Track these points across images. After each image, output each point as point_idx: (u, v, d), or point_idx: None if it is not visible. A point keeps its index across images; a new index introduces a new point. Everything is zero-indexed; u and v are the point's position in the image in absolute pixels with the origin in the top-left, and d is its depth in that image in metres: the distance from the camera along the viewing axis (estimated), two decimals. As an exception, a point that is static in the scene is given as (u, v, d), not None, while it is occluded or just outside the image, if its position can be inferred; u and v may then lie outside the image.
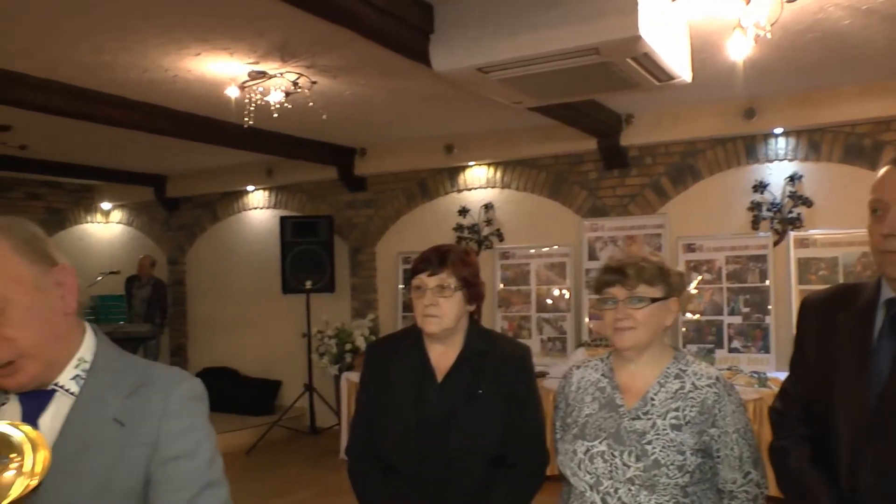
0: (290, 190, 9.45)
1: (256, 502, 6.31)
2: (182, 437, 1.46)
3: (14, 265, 1.39)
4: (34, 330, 1.39)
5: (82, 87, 5.70)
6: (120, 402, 1.45)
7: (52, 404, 1.44)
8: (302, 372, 8.65)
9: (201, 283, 10.43)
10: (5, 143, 7.55)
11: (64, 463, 1.39)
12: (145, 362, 1.57)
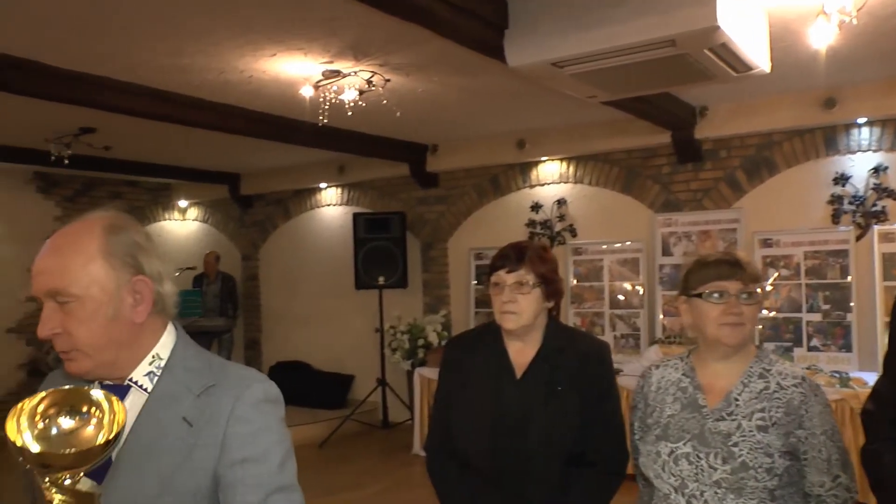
0: (362, 187, 9.54)
1: (329, 495, 6.40)
2: (250, 440, 1.45)
3: (97, 267, 1.44)
4: (91, 332, 1.43)
5: (162, 90, 5.85)
6: (191, 401, 1.46)
7: (126, 400, 1.46)
8: (374, 367, 8.73)
9: (274, 279, 10.61)
10: (91, 145, 7.81)
11: (132, 459, 1.41)
12: (222, 363, 1.58)
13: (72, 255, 1.43)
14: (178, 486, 1.41)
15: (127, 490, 1.39)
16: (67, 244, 1.45)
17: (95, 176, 10.16)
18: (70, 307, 1.42)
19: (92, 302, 1.42)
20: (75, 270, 1.42)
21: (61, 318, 1.42)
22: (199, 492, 1.42)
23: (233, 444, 1.43)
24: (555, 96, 5.62)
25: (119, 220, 1.52)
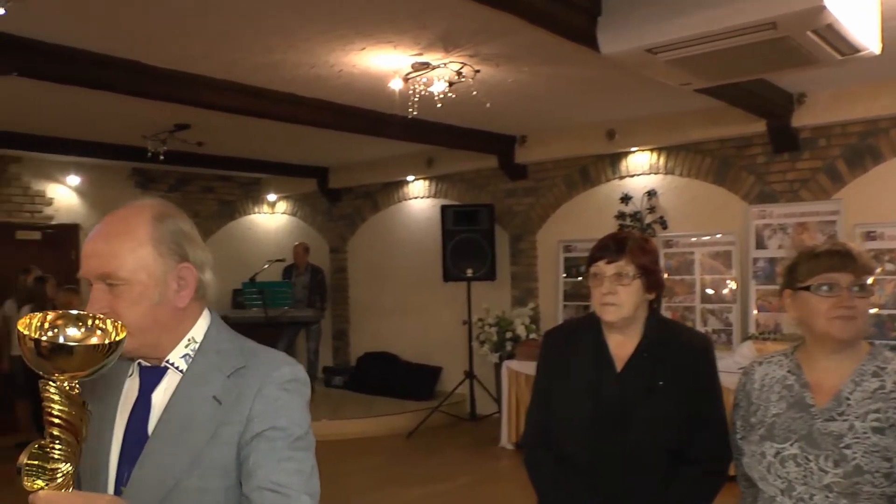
0: (451, 179, 9.55)
1: (417, 485, 6.43)
2: (272, 415, 1.49)
3: (146, 254, 1.49)
4: (137, 314, 1.48)
5: (254, 86, 5.98)
6: (221, 381, 1.52)
7: (164, 380, 1.54)
8: (462, 359, 8.74)
9: (362, 271, 10.74)
10: (185, 141, 8.06)
11: (166, 435, 1.49)
12: (254, 346, 1.62)
13: (122, 241, 1.49)
14: (208, 461, 1.47)
15: (160, 463, 1.47)
16: (118, 230, 1.51)
17: (189, 171, 10.48)
18: (118, 290, 1.47)
19: (139, 286, 1.48)
20: (125, 255, 1.48)
21: (109, 300, 1.47)
22: (227, 467, 1.48)
23: (255, 419, 1.48)
24: (646, 85, 5.50)
25: (166, 208, 1.58)
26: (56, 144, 8.44)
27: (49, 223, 9.66)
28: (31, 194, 9.55)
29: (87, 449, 1.52)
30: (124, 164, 9.86)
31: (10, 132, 7.93)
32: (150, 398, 1.54)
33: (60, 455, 1.12)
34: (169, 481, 1.46)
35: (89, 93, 5.78)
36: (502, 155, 8.56)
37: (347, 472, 6.87)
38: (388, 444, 7.92)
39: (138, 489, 1.47)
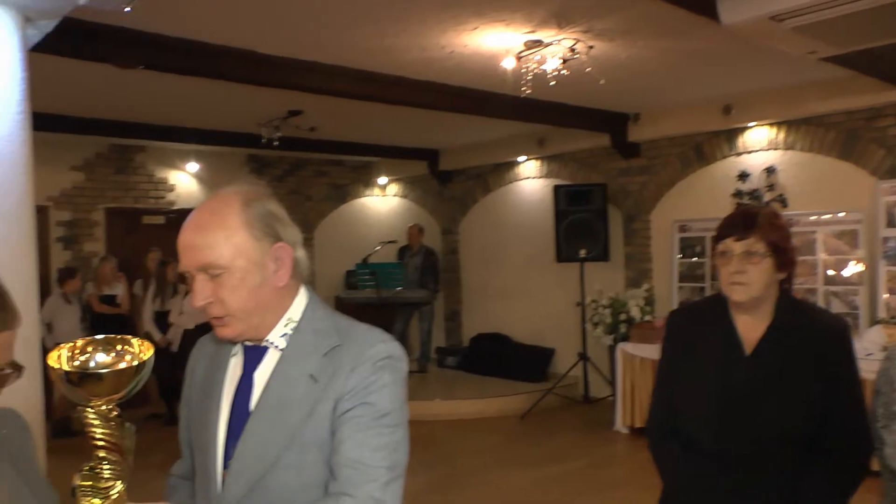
0: (562, 159, 9.42)
1: (532, 467, 6.41)
2: (361, 392, 1.52)
3: (241, 240, 1.53)
4: (242, 298, 1.53)
5: (366, 70, 6.04)
6: (318, 359, 1.55)
7: (265, 359, 1.60)
8: (575, 341, 8.65)
9: (474, 252, 10.75)
10: (298, 127, 8.24)
11: (266, 412, 1.54)
12: (350, 324, 1.64)
13: (216, 230, 1.52)
14: (304, 437, 1.51)
15: (261, 439, 1.53)
16: (210, 220, 1.54)
17: (302, 156, 10.72)
18: (220, 278, 1.52)
19: (239, 271, 1.52)
20: (221, 244, 1.51)
21: (213, 289, 1.53)
22: (324, 443, 1.51)
23: (347, 396, 1.51)
24: (766, 57, 5.26)
25: (253, 191, 1.60)
26: (177, 134, 8.83)
27: (171, 208, 10.10)
28: (155, 181, 9.99)
29: (199, 426, 1.63)
30: (240, 151, 10.17)
31: (136, 123, 8.36)
32: (253, 377, 1.60)
33: (110, 475, 1.15)
34: (269, 457, 1.51)
35: (208, 83, 6.00)
36: (615, 133, 8.39)
37: (463, 453, 6.91)
38: (503, 425, 7.92)
39: (242, 464, 1.53)
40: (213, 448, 1.58)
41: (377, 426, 1.51)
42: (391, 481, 1.49)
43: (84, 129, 8.14)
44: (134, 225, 9.77)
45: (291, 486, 1.52)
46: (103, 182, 9.53)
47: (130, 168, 9.75)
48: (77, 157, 9.27)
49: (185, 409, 1.76)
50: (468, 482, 6.09)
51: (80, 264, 8.96)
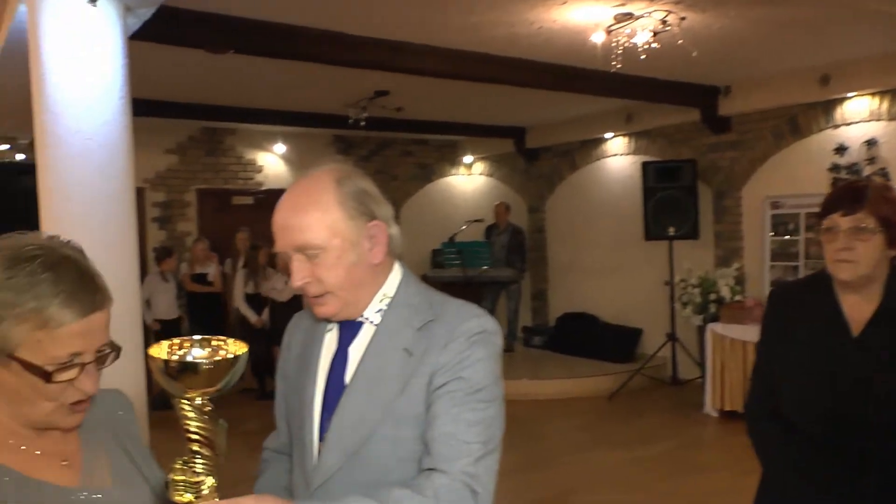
0: (650, 135, 9.23)
1: (620, 449, 6.35)
2: (455, 367, 1.52)
3: (336, 219, 1.54)
4: (338, 276, 1.54)
5: (453, 49, 6.03)
6: (412, 334, 1.56)
7: (360, 333, 1.62)
8: (663, 321, 8.50)
9: (561, 231, 10.66)
10: (384, 107, 8.30)
11: (361, 385, 1.56)
12: (443, 299, 1.65)
13: (311, 211, 1.53)
14: (399, 411, 1.52)
15: (356, 413, 1.54)
16: (305, 201, 1.54)
17: (388, 136, 10.79)
18: (317, 258, 1.53)
19: (335, 250, 1.53)
20: (316, 225, 1.52)
21: (310, 268, 1.54)
22: (418, 417, 1.52)
23: (441, 370, 1.52)
24: (865, 21, 5.00)
25: (344, 170, 1.60)
26: (265, 116, 9.01)
27: (260, 189, 10.35)
28: (244, 163, 10.25)
29: (295, 399, 1.66)
30: (326, 132, 10.33)
31: (226, 107, 8.60)
32: (348, 351, 1.62)
33: (203, 469, 1.16)
34: (364, 430, 1.53)
35: (296, 65, 6.08)
36: (705, 107, 8.16)
37: (551, 433, 6.89)
38: (590, 406, 7.85)
39: (337, 437, 1.55)
40: (309, 421, 1.61)
41: (472, 401, 1.50)
42: (485, 456, 1.48)
43: (177, 113, 8.43)
44: (224, 205, 10.06)
45: (386, 459, 1.53)
46: (195, 164, 9.83)
47: (220, 150, 10.02)
48: (170, 141, 9.58)
49: (281, 383, 1.79)
50: (556, 461, 6.07)
51: (174, 244, 9.31)
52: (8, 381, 1.24)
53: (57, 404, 1.26)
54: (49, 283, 1.21)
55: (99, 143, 2.98)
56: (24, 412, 1.27)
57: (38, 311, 1.19)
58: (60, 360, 1.22)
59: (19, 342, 1.20)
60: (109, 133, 3.00)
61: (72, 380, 1.24)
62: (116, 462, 1.41)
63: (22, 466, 1.28)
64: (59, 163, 2.98)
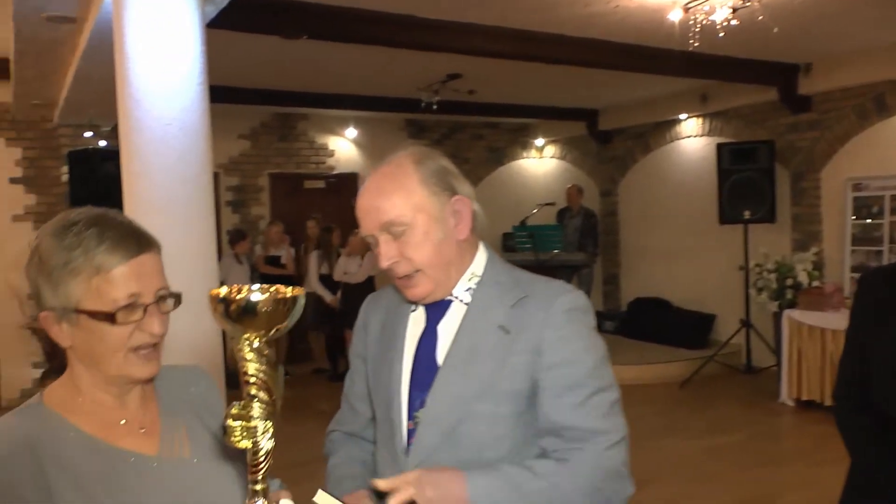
0: (726, 116, 9.01)
1: (692, 438, 6.25)
2: (562, 345, 1.54)
3: (420, 196, 1.56)
4: (427, 253, 1.56)
5: (527, 30, 5.97)
6: (505, 311, 1.58)
7: (449, 312, 1.63)
8: (738, 307, 8.33)
9: (633, 214, 10.53)
10: (457, 90, 8.28)
11: (456, 364, 1.57)
12: (530, 277, 1.67)
13: (396, 191, 1.56)
14: (497, 389, 1.54)
15: (453, 391, 1.56)
16: (388, 183, 1.57)
17: (459, 120, 10.79)
18: (404, 236, 1.55)
19: (422, 226, 1.55)
20: (402, 202, 1.55)
21: (398, 248, 1.56)
22: (518, 394, 1.54)
23: (547, 349, 1.54)
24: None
25: (423, 151, 1.63)
26: (337, 101, 9.11)
27: (331, 173, 10.49)
28: (316, 147, 10.39)
29: (381, 379, 1.67)
30: (398, 116, 10.38)
31: (299, 92, 8.72)
32: (437, 329, 1.63)
33: (260, 413, 1.17)
34: (462, 407, 1.55)
35: (368, 49, 6.13)
36: (783, 86, 7.92)
37: (623, 419, 6.81)
38: (662, 393, 7.75)
39: (434, 415, 1.57)
40: (397, 400, 1.62)
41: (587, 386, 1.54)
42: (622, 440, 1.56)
43: (250, 99, 8.58)
44: (296, 189, 10.22)
45: (483, 437, 1.54)
46: (267, 149, 10.01)
47: (293, 135, 10.18)
48: (244, 126, 9.77)
49: (359, 364, 1.79)
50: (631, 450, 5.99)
51: (247, 227, 9.50)
52: (81, 340, 1.31)
53: (127, 351, 1.31)
54: (94, 236, 1.29)
55: (179, 128, 3.04)
56: (102, 368, 1.33)
57: (89, 260, 1.27)
58: (121, 303, 1.28)
59: (80, 295, 1.28)
60: (189, 119, 3.06)
61: (137, 321, 1.30)
62: (194, 434, 1.45)
63: (103, 433, 1.34)
64: (141, 148, 3.06)
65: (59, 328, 1.31)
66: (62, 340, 1.32)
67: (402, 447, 1.60)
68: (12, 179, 8.18)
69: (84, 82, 5.75)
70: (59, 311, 1.29)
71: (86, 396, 1.35)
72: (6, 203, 8.13)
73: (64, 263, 1.28)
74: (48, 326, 1.31)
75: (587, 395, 1.53)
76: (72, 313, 1.29)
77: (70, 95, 6.42)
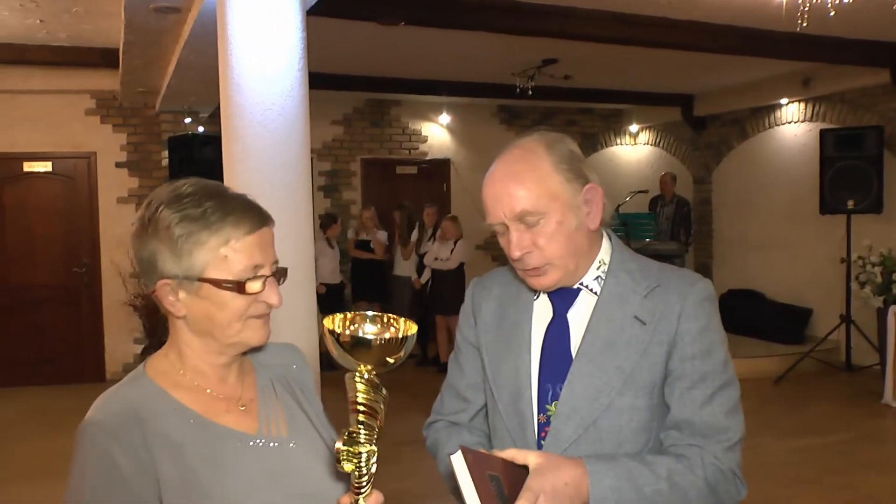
0: (830, 100, 8.64)
1: (787, 437, 6.05)
2: (699, 337, 1.50)
3: (554, 183, 1.50)
4: (559, 244, 1.51)
5: (624, 13, 5.87)
6: (639, 301, 1.53)
7: (577, 301, 1.58)
8: (838, 301, 8.01)
9: (728, 203, 10.24)
10: (552, 76, 8.21)
11: (592, 355, 1.53)
12: (657, 265, 1.61)
13: (528, 177, 1.50)
14: (637, 380, 1.50)
15: (591, 382, 1.51)
16: (521, 169, 1.51)
17: (552, 105, 10.71)
18: (538, 226, 1.50)
19: (556, 215, 1.50)
20: (536, 190, 1.49)
21: (531, 237, 1.51)
22: (654, 386, 1.51)
23: (684, 340, 1.50)
24: None
25: (553, 135, 1.57)
26: (431, 87, 9.18)
27: (424, 159, 10.57)
28: (409, 133, 10.49)
29: (506, 369, 1.62)
30: (491, 102, 10.35)
31: (393, 78, 8.81)
32: (566, 318, 1.58)
33: (366, 439, 1.19)
34: (603, 399, 1.50)
35: (464, 35, 6.12)
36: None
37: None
38: (754, 389, 7.51)
39: (570, 407, 1.52)
40: (526, 392, 1.57)
41: (722, 377, 1.52)
42: (740, 442, 1.53)
43: (344, 85, 8.70)
44: (388, 175, 10.33)
45: (622, 430, 1.51)
46: (360, 135, 10.16)
47: (385, 121, 10.30)
48: (337, 113, 9.94)
49: (470, 351, 1.72)
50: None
51: (339, 211, 9.67)
52: (199, 309, 1.33)
53: (246, 320, 1.34)
54: (217, 208, 1.31)
55: (278, 113, 3.11)
56: (218, 336, 1.35)
57: (218, 231, 1.30)
58: (247, 273, 1.31)
59: (205, 264, 1.30)
60: (288, 104, 3.13)
61: (258, 292, 1.32)
62: (290, 413, 1.46)
63: (204, 409, 1.36)
64: (241, 132, 3.14)
65: (174, 298, 1.32)
66: (176, 310, 1.34)
67: (533, 440, 1.56)
68: (118, 164, 8.53)
69: (186, 70, 5.94)
70: (180, 280, 1.31)
71: (188, 370, 1.38)
72: (112, 186, 8.50)
73: (189, 233, 1.29)
74: (163, 296, 1.33)
75: (716, 388, 1.50)
76: (194, 282, 1.31)
77: (172, 83, 6.64)
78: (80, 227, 8.45)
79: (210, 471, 1.30)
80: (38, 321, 8.31)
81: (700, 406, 1.50)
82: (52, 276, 8.41)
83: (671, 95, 10.18)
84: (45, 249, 8.38)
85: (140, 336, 8.42)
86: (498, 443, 1.64)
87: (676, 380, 1.50)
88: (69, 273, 8.44)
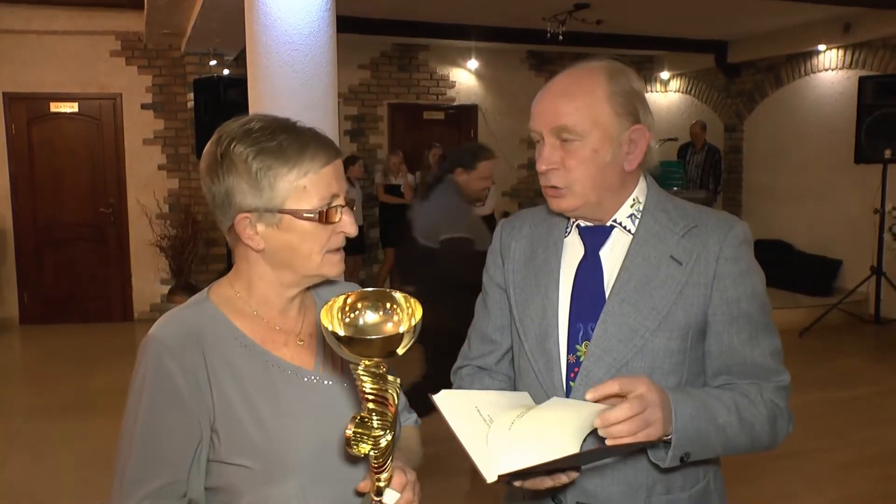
0: (871, 46, 8.38)
1: (813, 390, 5.95)
2: (740, 279, 1.47)
3: (602, 112, 1.45)
4: (587, 172, 1.47)
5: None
6: (676, 241, 1.49)
7: (610, 239, 1.53)
8: (869, 253, 7.90)
9: (759, 152, 10.06)
10: (584, 20, 8.03)
11: (627, 294, 1.48)
12: (696, 206, 1.57)
13: (580, 97, 1.46)
14: (673, 321, 1.46)
15: (625, 322, 1.47)
16: (575, 87, 1.48)
17: (582, 51, 10.41)
18: (572, 146, 1.46)
19: (593, 142, 1.45)
20: (582, 111, 1.45)
21: (561, 155, 1.47)
22: (690, 327, 1.47)
23: (725, 282, 1.47)
24: None
25: (619, 66, 1.52)
26: (460, 31, 9.01)
27: (451, 104, 10.48)
28: (436, 78, 10.38)
29: (532, 309, 1.58)
30: (520, 48, 10.19)
31: (420, 22, 8.64)
32: (599, 256, 1.54)
33: (379, 425, 1.16)
34: (637, 340, 1.46)
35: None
36: (945, 12, 7.28)
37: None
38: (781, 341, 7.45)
39: (602, 347, 1.48)
40: (554, 333, 1.53)
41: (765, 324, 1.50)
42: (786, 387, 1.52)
43: (371, 29, 8.55)
44: (415, 120, 10.27)
45: (654, 372, 1.46)
46: (387, 79, 10.07)
47: (413, 66, 10.20)
48: (363, 57, 9.85)
49: (496, 292, 1.68)
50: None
51: (365, 156, 9.65)
52: (280, 241, 1.33)
53: (325, 251, 1.35)
54: (292, 141, 1.31)
55: (305, 53, 3.07)
56: (298, 268, 1.36)
57: (296, 163, 1.30)
58: (326, 202, 1.32)
59: (286, 196, 1.30)
60: (315, 44, 3.08)
61: (337, 222, 1.33)
62: None
63: (262, 339, 1.37)
64: (268, 72, 3.11)
65: (252, 231, 1.32)
66: (255, 244, 1.33)
67: (560, 380, 1.51)
68: (143, 105, 8.53)
69: (211, 10, 5.88)
70: (260, 213, 1.31)
71: (253, 300, 1.39)
72: (137, 127, 8.51)
73: (268, 166, 1.29)
74: (241, 230, 1.32)
75: (760, 330, 1.49)
76: (275, 214, 1.31)
77: (197, 24, 6.58)
78: (106, 168, 8.51)
79: (264, 401, 1.32)
80: (66, 260, 8.46)
81: (746, 346, 1.48)
82: (79, 214, 8.52)
83: (705, 42, 9.92)
84: (73, 189, 8.47)
85: (167, 276, 8.51)
86: (523, 385, 1.60)
87: (718, 323, 1.47)
88: (97, 213, 8.54)
